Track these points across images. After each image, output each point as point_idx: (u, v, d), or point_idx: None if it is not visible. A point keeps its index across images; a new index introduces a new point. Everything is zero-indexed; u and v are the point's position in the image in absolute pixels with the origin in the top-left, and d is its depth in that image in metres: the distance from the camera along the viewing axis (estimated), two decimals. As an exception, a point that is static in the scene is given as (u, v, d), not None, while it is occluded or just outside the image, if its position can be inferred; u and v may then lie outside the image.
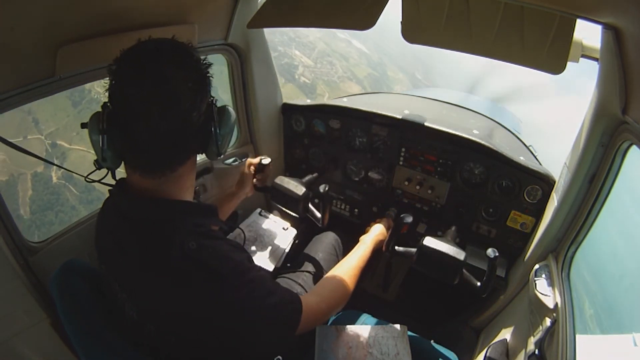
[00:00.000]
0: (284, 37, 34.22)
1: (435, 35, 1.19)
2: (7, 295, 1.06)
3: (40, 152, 19.42)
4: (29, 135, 19.07)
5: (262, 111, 1.82)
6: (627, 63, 0.84)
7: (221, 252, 0.79)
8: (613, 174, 1.10)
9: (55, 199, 16.13)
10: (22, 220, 15.90)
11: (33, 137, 19.07)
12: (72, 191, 15.83)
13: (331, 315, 1.07)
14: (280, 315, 0.85)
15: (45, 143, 18.98)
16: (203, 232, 0.82)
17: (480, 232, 1.64)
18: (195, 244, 0.76)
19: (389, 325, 1.33)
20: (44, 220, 15.77)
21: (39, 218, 16.14)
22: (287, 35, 34.21)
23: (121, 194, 0.86)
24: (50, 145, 18.90)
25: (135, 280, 0.81)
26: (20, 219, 16.00)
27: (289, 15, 1.30)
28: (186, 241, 0.76)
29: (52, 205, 16.06)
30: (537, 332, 1.14)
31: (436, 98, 2.37)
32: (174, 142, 0.77)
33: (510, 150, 1.51)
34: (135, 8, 1.09)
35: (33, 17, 0.85)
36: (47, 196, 16.68)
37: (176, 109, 0.74)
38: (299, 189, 1.48)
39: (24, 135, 19.99)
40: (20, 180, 17.13)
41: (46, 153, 18.56)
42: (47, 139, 19.04)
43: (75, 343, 0.85)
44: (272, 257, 1.57)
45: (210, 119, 0.82)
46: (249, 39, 1.62)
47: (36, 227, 15.60)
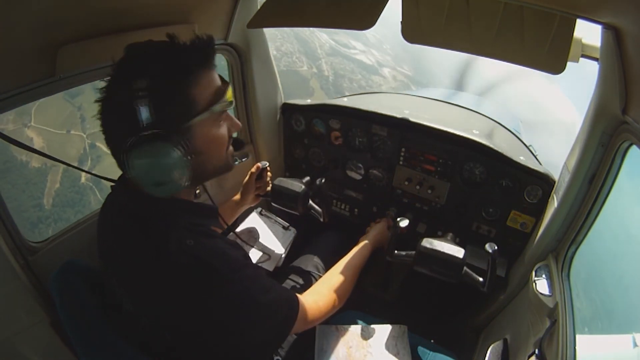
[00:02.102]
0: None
1: (435, 35, 1.19)
2: (7, 295, 1.05)
3: (78, 150, 19.89)
4: (72, 130, 19.55)
5: (262, 111, 1.82)
6: (627, 63, 0.84)
7: (217, 249, 0.79)
8: (613, 174, 1.10)
9: (78, 199, 16.39)
10: (42, 210, 16.29)
11: (76, 133, 19.53)
12: (97, 195, 16.07)
13: (330, 314, 1.07)
14: (275, 312, 0.85)
15: (86, 142, 19.41)
16: (201, 230, 0.82)
17: (480, 232, 1.64)
18: (193, 241, 0.76)
19: (389, 325, 1.33)
20: (62, 216, 16.06)
21: (57, 212, 16.44)
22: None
23: (122, 189, 0.86)
24: (89, 145, 19.31)
25: (132, 274, 0.81)
26: (40, 208, 16.36)
27: (289, 15, 1.30)
28: (183, 238, 0.76)
29: (74, 204, 16.35)
30: (537, 332, 1.14)
31: (436, 98, 2.37)
32: None
33: (510, 150, 1.51)
34: (135, 8, 1.09)
35: (33, 17, 0.85)
36: (71, 194, 16.99)
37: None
38: (297, 186, 1.49)
39: (68, 129, 20.38)
40: (52, 171, 17.57)
41: (83, 151, 19.08)
42: (88, 138, 19.45)
43: (75, 343, 0.85)
44: (272, 257, 1.57)
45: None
46: (249, 39, 1.62)
47: (53, 221, 15.87)
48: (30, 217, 16.23)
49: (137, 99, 0.71)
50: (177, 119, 0.76)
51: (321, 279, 1.17)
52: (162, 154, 0.73)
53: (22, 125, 19.23)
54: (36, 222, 16.20)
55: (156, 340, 0.81)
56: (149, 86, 0.71)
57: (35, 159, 17.30)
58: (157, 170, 0.73)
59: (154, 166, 0.73)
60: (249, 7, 1.51)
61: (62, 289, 0.91)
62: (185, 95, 0.76)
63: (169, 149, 0.73)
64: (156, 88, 0.72)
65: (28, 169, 17.31)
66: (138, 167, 0.73)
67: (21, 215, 15.89)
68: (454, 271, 1.21)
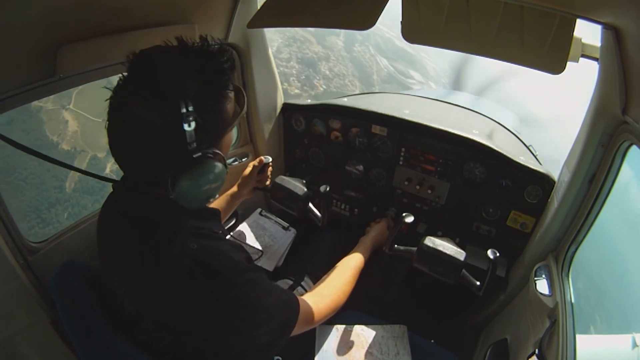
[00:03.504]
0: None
1: (435, 35, 1.19)
2: (7, 295, 1.05)
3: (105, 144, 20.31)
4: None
5: (262, 111, 1.82)
6: (627, 63, 0.84)
7: (220, 252, 0.80)
8: (613, 174, 1.10)
9: (98, 189, 16.62)
10: (64, 193, 16.65)
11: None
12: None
13: (330, 315, 1.07)
14: (276, 314, 0.85)
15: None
16: (204, 233, 0.82)
17: (480, 232, 1.64)
18: (196, 245, 0.76)
19: (389, 325, 1.33)
20: (80, 202, 16.44)
21: (74, 198, 16.77)
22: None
23: (122, 189, 0.86)
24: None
25: (135, 276, 0.81)
26: (62, 190, 16.67)
27: (288, 15, 1.30)
28: (187, 241, 0.76)
29: (93, 192, 16.59)
30: (537, 332, 1.14)
31: (436, 98, 2.37)
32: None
33: (510, 150, 1.51)
34: (135, 8, 1.09)
35: (33, 16, 0.85)
36: (92, 182, 17.09)
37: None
38: (299, 188, 1.49)
39: (104, 118, 20.58)
40: (80, 156, 18.19)
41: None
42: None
43: (75, 343, 0.85)
44: (272, 257, 1.57)
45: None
46: (249, 39, 1.62)
47: (70, 206, 16.22)
48: (50, 197, 16.66)
49: (184, 120, 0.70)
50: (218, 135, 0.80)
51: (321, 280, 1.17)
52: (213, 172, 0.75)
53: (61, 107, 19.57)
54: (54, 202, 16.67)
55: (157, 341, 0.81)
56: (194, 105, 0.71)
57: (65, 143, 18.00)
58: (208, 187, 0.76)
59: (206, 185, 0.75)
60: (249, 7, 1.51)
61: (62, 289, 0.91)
62: (225, 111, 0.79)
63: (217, 166, 0.76)
64: (201, 107, 0.72)
65: (57, 151, 17.79)
66: (189, 188, 0.74)
67: (43, 195, 16.39)
68: (452, 272, 1.21)
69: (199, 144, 0.73)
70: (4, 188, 16.81)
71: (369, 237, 1.44)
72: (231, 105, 0.81)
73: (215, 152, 0.77)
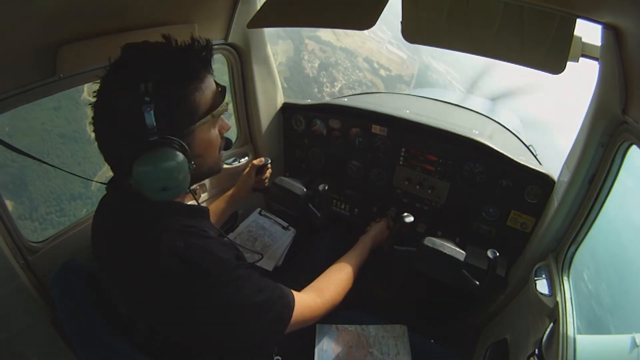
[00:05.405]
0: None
1: (435, 35, 1.19)
2: (7, 295, 1.06)
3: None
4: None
5: (262, 111, 1.82)
6: (627, 63, 0.84)
7: (208, 250, 0.79)
8: (613, 174, 1.10)
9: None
10: (88, 189, 16.73)
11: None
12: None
13: (328, 311, 1.06)
14: (269, 311, 0.84)
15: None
16: (192, 232, 0.81)
17: (480, 232, 1.64)
18: (183, 243, 0.76)
19: (389, 325, 1.33)
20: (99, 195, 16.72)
21: (96, 196, 16.82)
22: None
23: (114, 191, 0.86)
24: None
25: (125, 277, 0.81)
26: (87, 186, 16.69)
27: (288, 15, 1.30)
28: (174, 240, 0.76)
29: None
30: (537, 332, 1.14)
31: (436, 98, 2.37)
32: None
33: (510, 150, 1.51)
34: (135, 8, 1.09)
35: (33, 16, 0.85)
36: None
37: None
38: (298, 189, 1.49)
39: None
40: (93, 146, 18.51)
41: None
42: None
43: (75, 343, 0.85)
44: (272, 256, 1.57)
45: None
46: (249, 39, 1.62)
47: (90, 204, 16.10)
48: (73, 190, 16.86)
49: (143, 104, 0.70)
50: (182, 124, 0.77)
51: (320, 276, 1.17)
52: (170, 160, 0.73)
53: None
54: (76, 196, 16.93)
55: (152, 341, 0.81)
56: (156, 91, 0.71)
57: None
58: (163, 175, 0.73)
59: (160, 172, 0.73)
60: (249, 7, 1.51)
61: (62, 289, 0.91)
62: (190, 100, 0.77)
63: (175, 154, 0.74)
64: (163, 93, 0.72)
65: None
66: (143, 173, 0.72)
67: (68, 186, 16.57)
68: (452, 272, 1.21)
69: (159, 131, 0.72)
70: (30, 172, 16.87)
71: (368, 237, 1.44)
72: (203, 97, 0.79)
73: (180, 143, 0.75)
